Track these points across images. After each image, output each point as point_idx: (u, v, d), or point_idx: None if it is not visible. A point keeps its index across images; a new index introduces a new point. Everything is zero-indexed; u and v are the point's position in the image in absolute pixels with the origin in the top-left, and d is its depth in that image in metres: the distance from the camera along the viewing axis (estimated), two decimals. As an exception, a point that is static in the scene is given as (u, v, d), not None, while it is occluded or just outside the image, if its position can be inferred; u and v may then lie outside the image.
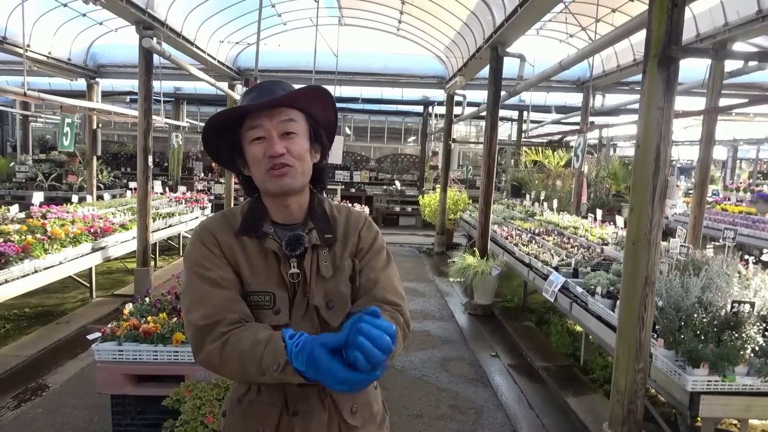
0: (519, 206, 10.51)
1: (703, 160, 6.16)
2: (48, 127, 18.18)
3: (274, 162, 1.30)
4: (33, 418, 3.64)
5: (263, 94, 1.33)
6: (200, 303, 1.25)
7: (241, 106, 1.33)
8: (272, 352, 1.12)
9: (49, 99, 7.30)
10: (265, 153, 1.31)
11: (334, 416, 1.34)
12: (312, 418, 1.32)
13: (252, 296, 1.31)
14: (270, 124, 1.31)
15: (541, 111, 13.64)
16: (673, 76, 2.64)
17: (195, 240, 1.36)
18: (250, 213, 1.38)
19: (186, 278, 1.33)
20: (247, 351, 1.15)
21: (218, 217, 1.41)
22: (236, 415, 1.37)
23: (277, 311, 1.31)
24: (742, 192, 12.28)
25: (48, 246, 5.14)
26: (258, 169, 1.33)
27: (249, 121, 1.32)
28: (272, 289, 1.32)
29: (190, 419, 2.67)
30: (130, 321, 3.17)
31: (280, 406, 1.32)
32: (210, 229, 1.36)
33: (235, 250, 1.33)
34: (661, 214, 2.74)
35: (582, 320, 4.26)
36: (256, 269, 1.33)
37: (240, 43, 9.11)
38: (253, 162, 1.34)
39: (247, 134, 1.32)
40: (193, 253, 1.34)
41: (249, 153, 1.33)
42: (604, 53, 8.34)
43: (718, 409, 2.76)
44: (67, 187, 11.39)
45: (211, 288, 1.27)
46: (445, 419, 3.84)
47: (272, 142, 1.30)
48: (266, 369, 1.12)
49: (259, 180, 1.35)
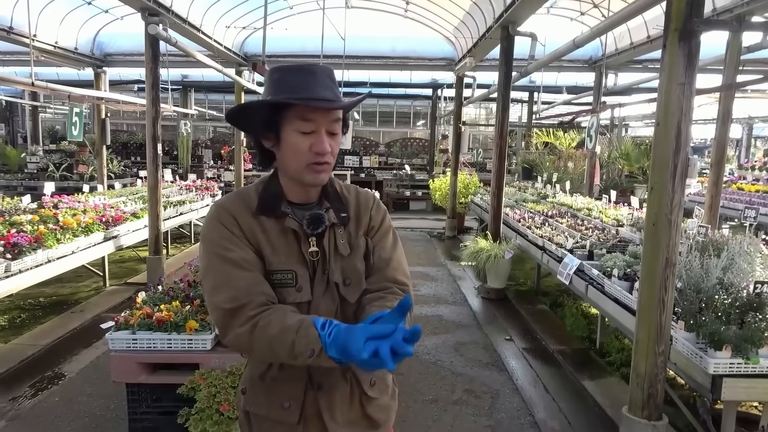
0: (531, 189, 10.40)
1: (720, 138, 6.02)
2: (57, 117, 18.27)
3: (319, 159, 1.33)
4: (50, 407, 3.66)
5: (316, 84, 1.30)
6: (224, 285, 1.26)
7: (306, 98, 1.27)
8: (305, 339, 1.16)
9: (57, 89, 7.28)
10: (311, 147, 1.31)
11: (355, 389, 1.41)
12: (336, 391, 1.38)
13: (275, 275, 1.33)
14: (323, 121, 1.31)
15: (552, 92, 13.44)
16: (694, 50, 2.55)
17: (213, 220, 1.35)
18: (266, 193, 1.39)
19: (206, 260, 1.32)
20: (277, 336, 1.19)
21: (234, 197, 1.40)
22: (259, 391, 1.40)
23: (299, 288, 1.34)
24: (758, 170, 12.06)
25: (60, 236, 5.15)
26: (297, 159, 1.33)
27: (300, 111, 1.30)
28: (293, 267, 1.35)
29: (206, 407, 2.66)
30: (144, 309, 3.16)
31: (304, 381, 1.36)
32: (228, 209, 1.35)
33: (255, 229, 1.34)
34: (682, 194, 2.67)
35: (598, 303, 4.20)
36: (277, 248, 1.35)
37: (246, 28, 9.02)
38: (294, 151, 1.33)
39: (296, 122, 1.30)
40: (212, 234, 1.33)
41: (291, 139, 1.32)
42: (617, 31, 8.16)
43: (741, 392, 2.71)
44: (77, 177, 11.43)
45: (234, 270, 1.28)
46: (461, 404, 3.81)
47: (322, 139, 1.32)
48: (299, 354, 1.17)
49: (294, 168, 1.35)
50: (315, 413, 1.37)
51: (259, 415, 1.40)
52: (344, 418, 1.39)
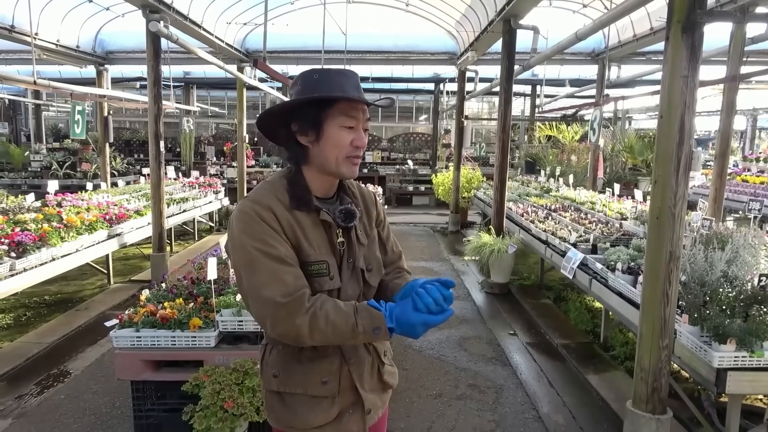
0: (534, 183, 10.38)
1: (724, 130, 5.98)
2: (60, 115, 18.29)
3: (358, 153, 1.48)
4: (56, 405, 3.68)
5: (355, 87, 1.46)
6: (274, 281, 1.35)
7: (353, 97, 1.43)
8: (368, 319, 1.35)
9: (59, 87, 7.29)
10: (352, 141, 1.46)
11: (375, 360, 1.62)
12: (363, 364, 1.57)
13: (313, 266, 1.45)
14: (362, 117, 1.48)
15: (555, 85, 13.37)
16: (697, 43, 2.53)
17: (252, 215, 1.40)
18: (296, 188, 1.48)
19: (250, 256, 1.37)
20: (338, 321, 1.35)
21: (267, 192, 1.47)
22: (295, 372, 1.52)
23: (332, 277, 1.48)
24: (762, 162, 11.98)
25: (64, 234, 5.17)
26: (338, 151, 1.46)
27: (345, 108, 1.44)
28: (326, 258, 1.48)
29: (210, 404, 2.67)
30: (147, 307, 3.16)
31: (339, 357, 1.53)
32: (266, 204, 1.42)
33: (292, 223, 1.44)
34: (686, 187, 2.65)
35: (602, 297, 4.19)
36: (312, 241, 1.46)
37: (248, 24, 9.00)
38: (336, 144, 1.45)
39: (340, 118, 1.44)
40: (253, 230, 1.39)
41: (335, 134, 1.45)
42: (620, 23, 8.11)
43: (746, 386, 2.69)
44: (81, 175, 11.44)
45: (280, 266, 1.37)
46: (465, 399, 3.82)
47: (361, 134, 1.48)
48: (361, 333, 1.35)
49: (333, 160, 1.46)
50: (348, 384, 1.54)
51: (296, 394, 1.51)
52: (369, 386, 1.59)
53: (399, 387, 3.90)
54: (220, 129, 18.47)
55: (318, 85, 1.44)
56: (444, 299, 1.36)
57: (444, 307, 1.36)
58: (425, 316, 1.34)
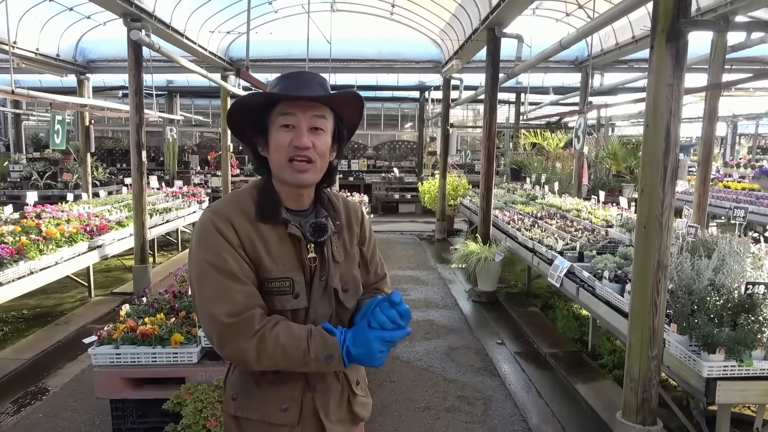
0: (519, 190, 10.40)
1: (707, 136, 6.05)
2: (41, 125, 18.01)
3: (299, 153, 1.35)
4: (33, 424, 3.56)
5: (302, 85, 1.35)
6: (222, 298, 1.27)
7: (277, 93, 1.34)
8: (321, 345, 1.27)
9: (39, 96, 7.16)
10: (291, 142, 1.35)
11: (345, 389, 1.49)
12: (330, 391, 1.44)
13: (273, 283, 1.34)
14: (302, 115, 1.35)
15: (539, 92, 13.47)
16: (682, 51, 2.53)
17: (209, 227, 1.32)
18: (265, 199, 1.39)
19: (201, 268, 1.30)
20: (288, 346, 1.26)
21: (229, 203, 1.38)
22: (254, 396, 1.41)
23: (296, 295, 1.36)
24: (743, 168, 12.16)
25: (43, 247, 5.05)
26: (279, 155, 1.36)
27: (282, 107, 1.35)
28: (290, 275, 1.36)
29: (192, 423, 2.59)
30: (127, 323, 3.08)
31: (302, 383, 1.40)
32: (225, 216, 1.33)
33: (253, 236, 1.34)
34: (673, 196, 2.64)
35: (590, 305, 4.17)
36: (275, 255, 1.35)
37: (231, 32, 8.94)
38: (276, 147, 1.36)
39: (278, 119, 1.35)
40: (208, 242, 1.31)
41: (274, 137, 1.36)
42: (602, 31, 8.18)
43: (736, 395, 2.68)
44: (62, 185, 11.25)
45: (231, 283, 1.28)
46: (453, 411, 3.76)
47: (301, 133, 1.35)
48: (313, 360, 1.26)
49: (277, 166, 1.37)
50: (311, 413, 1.42)
51: (253, 420, 1.41)
52: (335, 416, 1.46)
53: (386, 400, 3.86)
54: (204, 138, 18.32)
55: (269, 93, 1.38)
56: (400, 316, 1.30)
57: (400, 324, 1.30)
58: (380, 332, 1.28)
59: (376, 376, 4.19)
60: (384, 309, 1.30)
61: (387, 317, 1.29)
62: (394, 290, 1.35)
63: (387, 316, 1.29)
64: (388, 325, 1.29)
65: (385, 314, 1.29)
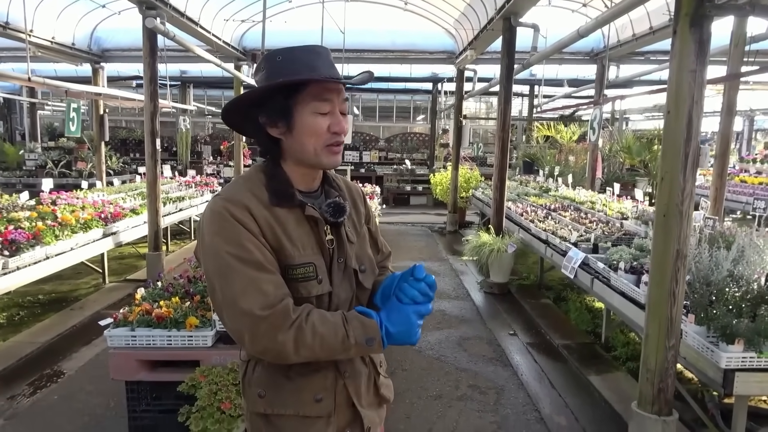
0: (532, 182, 10.33)
1: (724, 130, 5.95)
2: (56, 114, 18.14)
3: (337, 139, 1.32)
4: (49, 405, 3.61)
5: (326, 64, 1.30)
6: (252, 291, 1.19)
7: (322, 77, 1.26)
8: (360, 328, 1.23)
9: (54, 84, 7.21)
10: (329, 128, 1.30)
11: (371, 372, 1.47)
12: (359, 377, 1.42)
13: (297, 269, 1.29)
14: (337, 100, 1.31)
15: (553, 85, 13.33)
16: (706, 37, 2.48)
17: (225, 216, 1.23)
18: (275, 182, 1.32)
19: (223, 261, 1.20)
20: (327, 334, 1.21)
21: (241, 188, 1.30)
22: (284, 390, 1.35)
23: (320, 280, 1.31)
24: (760, 163, 11.97)
25: (59, 232, 5.09)
26: (315, 140, 1.30)
27: (318, 90, 1.27)
28: (312, 259, 1.31)
29: (207, 405, 2.60)
30: (143, 306, 3.09)
31: (333, 371, 1.37)
32: (241, 202, 1.25)
33: (272, 222, 1.27)
34: (693, 184, 2.60)
35: (604, 297, 4.14)
36: (295, 240, 1.29)
37: (245, 21, 8.93)
38: (311, 132, 1.29)
39: (312, 103, 1.28)
40: (227, 233, 1.22)
41: (308, 121, 1.28)
42: (619, 22, 8.08)
43: (754, 387, 2.65)
44: (76, 173, 11.35)
45: (259, 273, 1.20)
46: (465, 400, 3.76)
47: (339, 119, 1.31)
48: (354, 345, 1.22)
49: (312, 151, 1.30)
50: (345, 401, 1.39)
51: (286, 415, 1.35)
52: (366, 401, 1.44)
53: (399, 388, 3.85)
54: (217, 128, 18.37)
55: (282, 68, 1.27)
56: (429, 287, 1.28)
57: (430, 296, 1.28)
58: (414, 306, 1.26)
59: (389, 364, 4.19)
60: (412, 283, 1.28)
61: (417, 290, 1.27)
62: (415, 264, 1.31)
63: (417, 289, 1.27)
64: (419, 299, 1.27)
65: (415, 288, 1.27)
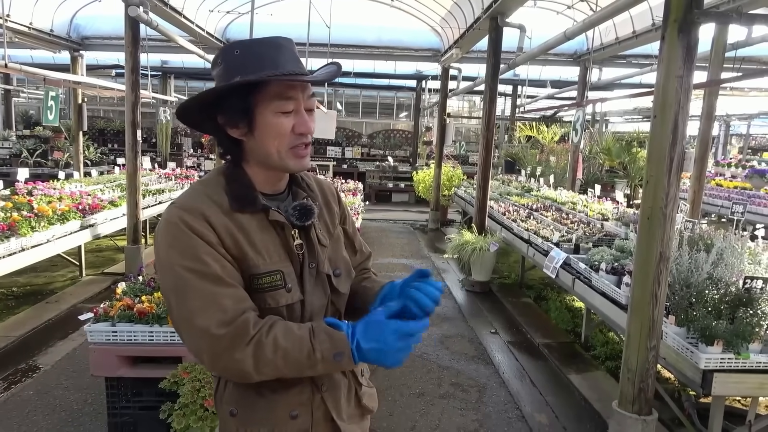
0: (514, 182, 10.41)
1: (704, 134, 6.07)
2: (32, 102, 17.75)
3: (303, 140, 1.22)
4: (24, 401, 3.53)
5: (290, 59, 1.18)
6: (209, 307, 1.10)
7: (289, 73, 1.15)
8: (327, 342, 1.11)
9: (31, 71, 7.02)
10: (294, 128, 1.20)
11: (351, 382, 1.39)
12: (338, 388, 1.33)
13: (262, 278, 1.19)
14: (302, 97, 1.20)
15: (536, 85, 13.46)
16: (693, 42, 2.51)
17: (180, 227, 1.13)
18: (236, 185, 1.22)
19: (178, 276, 1.11)
20: (290, 348, 1.10)
21: (198, 195, 1.20)
22: (257, 407, 1.26)
23: (289, 289, 1.22)
24: (734, 167, 12.24)
25: (35, 224, 4.97)
26: (279, 142, 1.20)
27: (280, 88, 1.17)
28: (279, 266, 1.21)
29: (189, 402, 2.57)
30: (124, 300, 3.04)
31: (309, 384, 1.28)
32: (197, 210, 1.15)
33: (233, 230, 1.17)
34: (678, 188, 2.64)
35: (585, 297, 4.19)
36: (260, 248, 1.20)
37: (231, 12, 8.82)
38: (274, 134, 1.19)
39: (275, 103, 1.17)
40: (182, 245, 1.12)
41: (271, 122, 1.18)
42: (603, 25, 8.15)
43: (732, 387, 2.70)
44: (53, 163, 11.10)
45: (216, 288, 1.11)
46: (448, 397, 3.78)
47: (304, 118, 1.21)
48: (320, 361, 1.11)
49: (274, 153, 1.20)
50: (323, 415, 1.30)
51: None
52: (347, 413, 1.35)
53: (381, 385, 3.85)
54: (198, 120, 18.14)
55: (240, 64, 1.16)
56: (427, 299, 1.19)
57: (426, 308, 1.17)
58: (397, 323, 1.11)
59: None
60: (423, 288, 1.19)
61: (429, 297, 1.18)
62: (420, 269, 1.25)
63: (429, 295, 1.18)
64: (429, 307, 1.17)
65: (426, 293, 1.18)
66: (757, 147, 21.35)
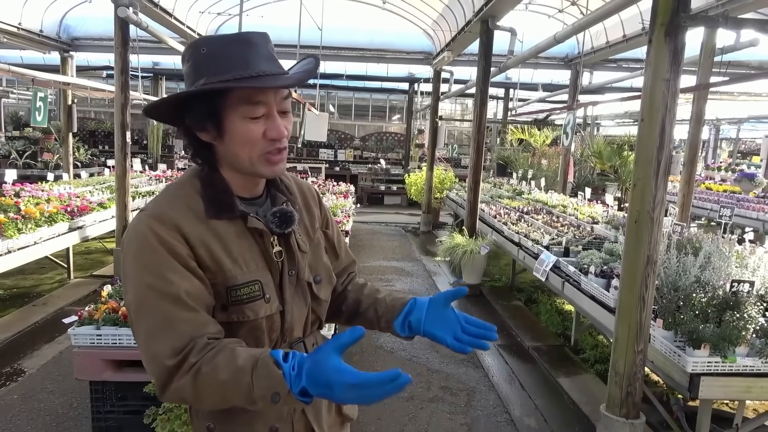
0: (506, 185, 10.43)
1: (693, 138, 6.09)
2: (21, 103, 17.59)
3: (276, 146, 1.13)
4: (8, 405, 3.48)
5: (263, 58, 1.09)
6: (164, 332, 1.02)
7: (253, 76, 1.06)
8: (265, 380, 0.97)
9: (20, 72, 6.97)
10: (265, 134, 1.11)
11: None
12: (320, 400, 1.23)
13: (240, 290, 1.12)
14: (274, 100, 1.11)
15: (527, 89, 13.50)
16: (680, 46, 2.53)
17: (149, 238, 1.05)
18: (212, 190, 1.15)
19: (139, 293, 1.05)
20: (229, 381, 0.99)
21: (171, 201, 1.13)
22: (236, 422, 1.20)
23: (268, 299, 1.16)
24: (724, 171, 12.35)
25: (22, 225, 4.92)
26: (250, 149, 1.12)
27: (248, 92, 1.08)
28: (257, 276, 1.15)
29: (174, 407, 2.54)
30: (109, 304, 3.01)
31: None
32: (170, 220, 1.08)
33: (208, 239, 1.10)
34: (665, 191, 2.65)
35: (574, 300, 4.19)
36: (237, 257, 1.13)
37: (222, 14, 8.79)
38: (244, 141, 1.11)
39: (242, 108, 1.09)
40: (147, 258, 1.05)
41: (239, 128, 1.10)
42: (594, 29, 8.19)
43: (718, 391, 2.71)
44: (42, 165, 11.01)
45: (175, 309, 1.03)
46: (437, 401, 3.76)
47: (276, 123, 1.12)
48: (259, 399, 0.98)
49: (247, 160, 1.13)
50: (303, 427, 1.26)
51: None
52: (327, 424, 1.32)
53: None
54: (190, 122, 18.06)
55: (206, 65, 1.07)
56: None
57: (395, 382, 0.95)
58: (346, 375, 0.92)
59: (359, 365, 4.17)
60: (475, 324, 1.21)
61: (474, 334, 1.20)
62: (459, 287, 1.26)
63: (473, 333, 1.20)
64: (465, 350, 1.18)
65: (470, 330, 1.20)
66: (746, 151, 21.54)
